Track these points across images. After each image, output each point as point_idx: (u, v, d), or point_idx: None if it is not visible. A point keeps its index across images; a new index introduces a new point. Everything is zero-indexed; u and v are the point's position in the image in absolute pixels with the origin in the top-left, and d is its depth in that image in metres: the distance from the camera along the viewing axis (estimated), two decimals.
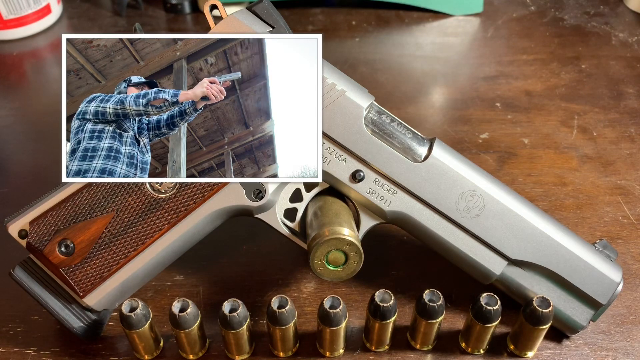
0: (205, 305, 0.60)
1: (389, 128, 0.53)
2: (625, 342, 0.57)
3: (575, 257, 0.54)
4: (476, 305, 0.52)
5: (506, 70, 0.94)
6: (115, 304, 0.55)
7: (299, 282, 0.63)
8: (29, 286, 0.53)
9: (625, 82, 0.91)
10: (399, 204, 0.54)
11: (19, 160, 0.79)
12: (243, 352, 0.56)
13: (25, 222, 0.52)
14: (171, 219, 0.52)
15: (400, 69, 0.95)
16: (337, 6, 1.10)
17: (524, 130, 0.82)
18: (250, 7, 0.52)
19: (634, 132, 0.82)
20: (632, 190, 0.73)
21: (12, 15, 0.99)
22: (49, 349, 0.57)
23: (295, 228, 0.57)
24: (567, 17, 1.07)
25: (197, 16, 1.08)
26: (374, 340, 0.55)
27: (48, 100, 0.89)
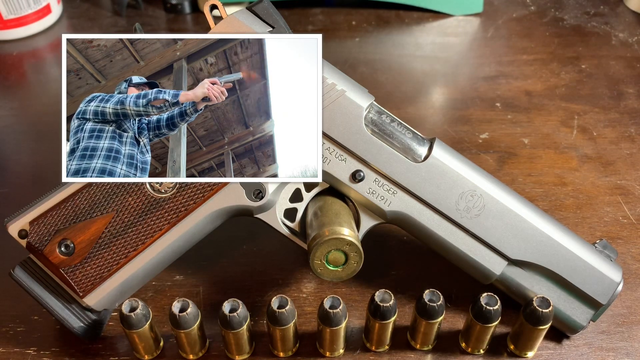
0: (205, 305, 0.60)
1: (389, 128, 0.53)
2: (625, 342, 0.57)
3: (575, 257, 0.54)
4: (476, 305, 0.52)
5: (506, 70, 0.94)
6: (115, 304, 0.55)
7: (299, 282, 0.63)
8: (29, 286, 0.53)
9: (625, 82, 0.91)
10: (399, 204, 0.54)
11: (19, 160, 0.79)
12: (243, 352, 0.56)
13: (25, 222, 0.52)
14: (171, 219, 0.52)
15: (400, 69, 0.95)
16: (337, 6, 1.10)
17: (524, 130, 0.82)
18: (250, 7, 0.52)
19: (634, 132, 0.82)
20: (632, 190, 0.73)
21: (12, 15, 0.99)
22: (49, 349, 0.57)
23: (295, 228, 0.57)
24: (567, 17, 1.07)
25: (197, 16, 1.08)
26: (374, 340, 0.55)
27: (48, 100, 0.89)
